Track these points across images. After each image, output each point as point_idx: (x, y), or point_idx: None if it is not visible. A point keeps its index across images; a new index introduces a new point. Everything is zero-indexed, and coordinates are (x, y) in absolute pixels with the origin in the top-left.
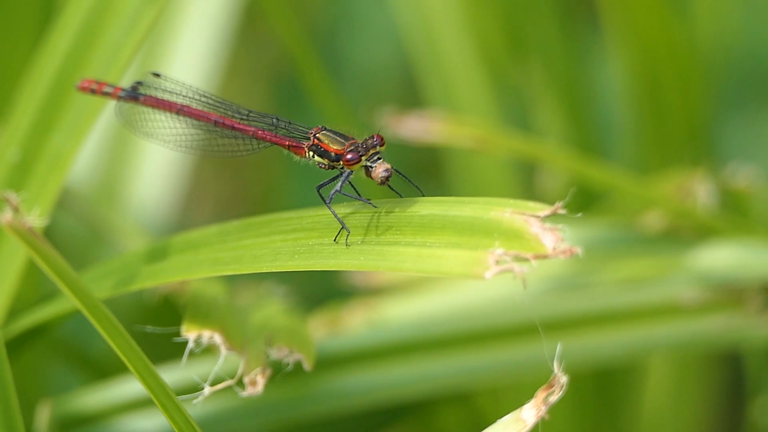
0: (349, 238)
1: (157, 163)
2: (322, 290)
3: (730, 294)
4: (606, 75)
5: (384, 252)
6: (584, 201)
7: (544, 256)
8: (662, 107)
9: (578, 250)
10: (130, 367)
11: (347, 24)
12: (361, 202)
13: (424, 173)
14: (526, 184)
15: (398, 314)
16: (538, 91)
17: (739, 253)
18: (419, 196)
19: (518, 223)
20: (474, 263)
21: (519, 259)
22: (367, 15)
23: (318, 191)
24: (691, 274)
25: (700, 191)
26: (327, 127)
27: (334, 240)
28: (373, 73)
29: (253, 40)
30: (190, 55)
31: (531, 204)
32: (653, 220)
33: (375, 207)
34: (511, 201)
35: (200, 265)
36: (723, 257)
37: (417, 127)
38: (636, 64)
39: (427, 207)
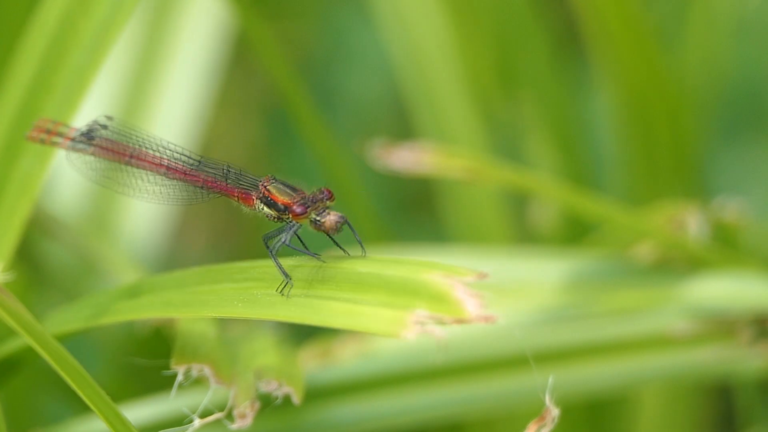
0: (291, 290)
1: None
2: None
3: (722, 326)
4: (596, 107)
5: (318, 306)
6: (576, 233)
7: (465, 321)
8: (652, 140)
9: (497, 318)
10: (92, 407)
11: (339, 56)
12: (307, 255)
13: (415, 205)
14: (517, 215)
15: (389, 345)
16: (530, 124)
17: (730, 285)
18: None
19: (444, 286)
20: (395, 323)
21: (440, 321)
22: (359, 47)
23: (264, 242)
24: (682, 306)
25: (691, 223)
26: (277, 177)
27: (276, 290)
28: (364, 104)
29: (244, 71)
30: (181, 87)
31: (460, 269)
32: (645, 252)
33: (322, 261)
34: (442, 264)
35: (150, 306)
36: (714, 289)
37: (408, 159)
38: (624, 97)
39: (366, 265)
